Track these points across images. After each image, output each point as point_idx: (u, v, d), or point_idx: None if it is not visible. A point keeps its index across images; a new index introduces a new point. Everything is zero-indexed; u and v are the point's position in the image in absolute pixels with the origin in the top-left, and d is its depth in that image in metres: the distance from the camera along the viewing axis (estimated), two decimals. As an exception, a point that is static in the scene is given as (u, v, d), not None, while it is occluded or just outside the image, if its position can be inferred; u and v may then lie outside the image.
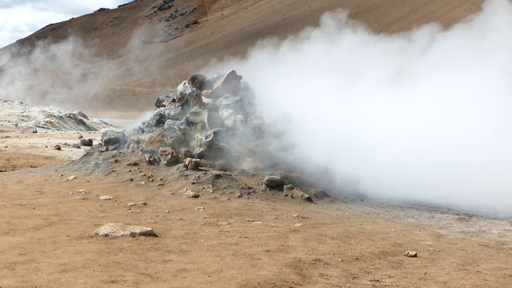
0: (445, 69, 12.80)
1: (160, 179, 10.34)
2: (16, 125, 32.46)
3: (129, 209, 8.60)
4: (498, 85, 12.04)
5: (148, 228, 6.95)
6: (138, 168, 10.80)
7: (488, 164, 10.85)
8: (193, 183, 10.09)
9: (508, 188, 10.44)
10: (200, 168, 10.60)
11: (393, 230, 8.07)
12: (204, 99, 12.02)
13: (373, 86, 12.78)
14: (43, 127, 33.07)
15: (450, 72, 12.70)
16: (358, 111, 12.14)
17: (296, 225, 8.01)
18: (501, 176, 10.65)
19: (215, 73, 12.81)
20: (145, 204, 8.99)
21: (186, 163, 10.60)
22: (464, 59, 12.66)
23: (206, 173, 10.35)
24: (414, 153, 11.21)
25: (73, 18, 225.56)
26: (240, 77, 12.21)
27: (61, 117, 37.38)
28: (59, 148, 19.38)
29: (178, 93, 12.26)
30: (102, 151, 11.71)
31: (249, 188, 10.12)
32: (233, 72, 12.14)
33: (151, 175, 10.50)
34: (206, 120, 11.55)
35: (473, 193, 10.45)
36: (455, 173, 10.78)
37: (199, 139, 11.21)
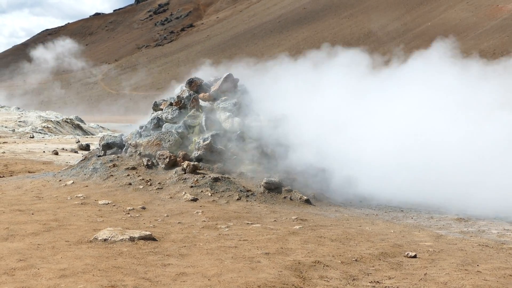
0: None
1: (159, 183, 10.33)
2: (13, 130, 32.40)
3: (128, 213, 8.59)
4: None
5: (147, 232, 6.94)
6: (136, 172, 10.78)
7: (490, 165, 10.83)
8: (192, 186, 10.08)
9: (507, 188, 10.42)
10: (198, 171, 10.59)
11: (392, 231, 8.08)
12: (202, 102, 12.01)
13: (369, 86, 12.78)
14: (40, 132, 33.04)
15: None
16: (355, 112, 12.12)
17: (295, 227, 8.01)
18: (501, 176, 10.63)
19: (212, 76, 12.78)
20: (143, 208, 8.98)
21: (184, 166, 10.59)
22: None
23: (204, 176, 10.34)
24: (412, 154, 11.18)
25: (68, 23, 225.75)
26: (237, 80, 12.19)
27: (58, 122, 37.34)
28: (56, 153, 19.34)
29: (176, 97, 12.23)
30: (100, 156, 11.69)
31: (247, 190, 10.12)
32: (230, 75, 12.12)
33: (149, 179, 10.48)
34: (203, 123, 11.53)
35: (472, 194, 10.43)
36: (453, 174, 10.76)
37: (197, 143, 11.20)
